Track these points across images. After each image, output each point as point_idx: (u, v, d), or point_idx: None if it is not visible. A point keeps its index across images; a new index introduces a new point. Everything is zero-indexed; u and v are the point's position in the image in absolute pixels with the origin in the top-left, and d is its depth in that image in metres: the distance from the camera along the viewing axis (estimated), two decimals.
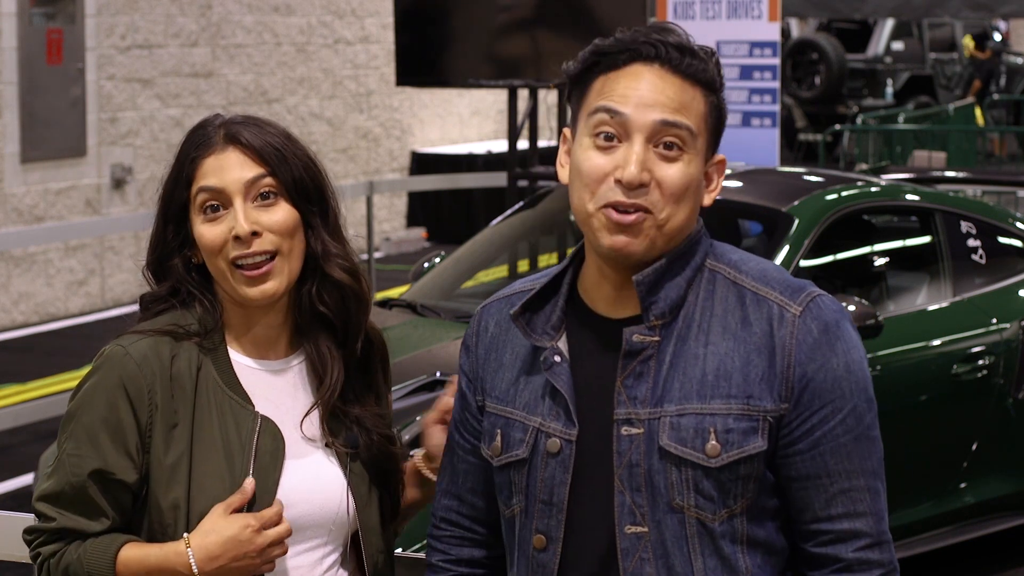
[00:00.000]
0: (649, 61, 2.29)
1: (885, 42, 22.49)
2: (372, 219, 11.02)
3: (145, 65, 12.55)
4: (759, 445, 2.25)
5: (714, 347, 2.27)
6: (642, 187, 2.26)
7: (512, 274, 8.24)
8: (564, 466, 2.31)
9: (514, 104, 9.59)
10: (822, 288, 2.37)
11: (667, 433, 2.25)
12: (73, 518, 2.45)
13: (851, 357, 2.28)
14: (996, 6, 14.74)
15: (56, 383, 9.28)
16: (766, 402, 2.25)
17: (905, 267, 6.59)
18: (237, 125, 2.49)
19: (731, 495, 2.26)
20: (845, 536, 2.28)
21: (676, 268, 2.30)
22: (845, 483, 2.27)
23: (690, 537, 2.26)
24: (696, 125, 2.28)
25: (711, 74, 2.31)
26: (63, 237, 11.28)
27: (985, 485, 6.15)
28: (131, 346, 2.46)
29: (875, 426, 2.31)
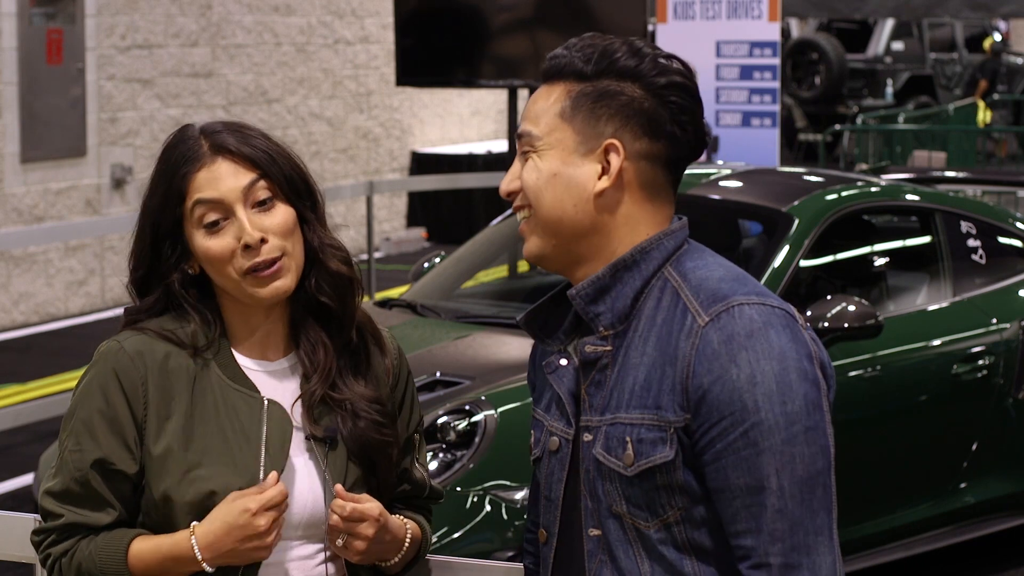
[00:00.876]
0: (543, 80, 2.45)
1: (885, 42, 22.49)
2: (372, 219, 11.03)
3: (145, 65, 12.56)
4: (666, 455, 2.24)
5: (647, 357, 2.29)
6: (513, 194, 2.39)
7: (512, 274, 8.24)
8: (562, 464, 2.39)
9: (514, 104, 9.59)
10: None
11: (600, 442, 2.31)
12: (80, 512, 2.48)
13: (759, 368, 2.20)
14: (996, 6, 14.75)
15: (56, 383, 9.28)
16: (670, 413, 2.25)
17: (905, 267, 6.59)
18: (220, 135, 2.51)
19: (657, 504, 2.27)
20: (744, 552, 2.23)
21: (623, 277, 2.32)
22: (746, 499, 2.21)
23: (632, 542, 2.30)
24: (546, 124, 2.35)
25: (573, 65, 2.36)
26: (63, 237, 11.28)
27: (985, 485, 6.15)
28: (125, 341, 2.51)
29: (797, 442, 2.21)
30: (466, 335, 5.81)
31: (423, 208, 15.53)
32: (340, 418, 2.54)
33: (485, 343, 5.80)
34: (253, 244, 2.46)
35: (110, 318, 11.63)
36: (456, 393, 5.29)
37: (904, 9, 15.26)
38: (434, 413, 5.12)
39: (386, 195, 15.15)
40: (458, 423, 5.07)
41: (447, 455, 5.03)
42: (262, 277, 2.48)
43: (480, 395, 5.19)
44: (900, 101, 22.05)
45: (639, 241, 2.33)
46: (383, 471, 2.58)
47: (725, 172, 6.52)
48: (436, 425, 5.08)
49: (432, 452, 5.04)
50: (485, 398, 5.17)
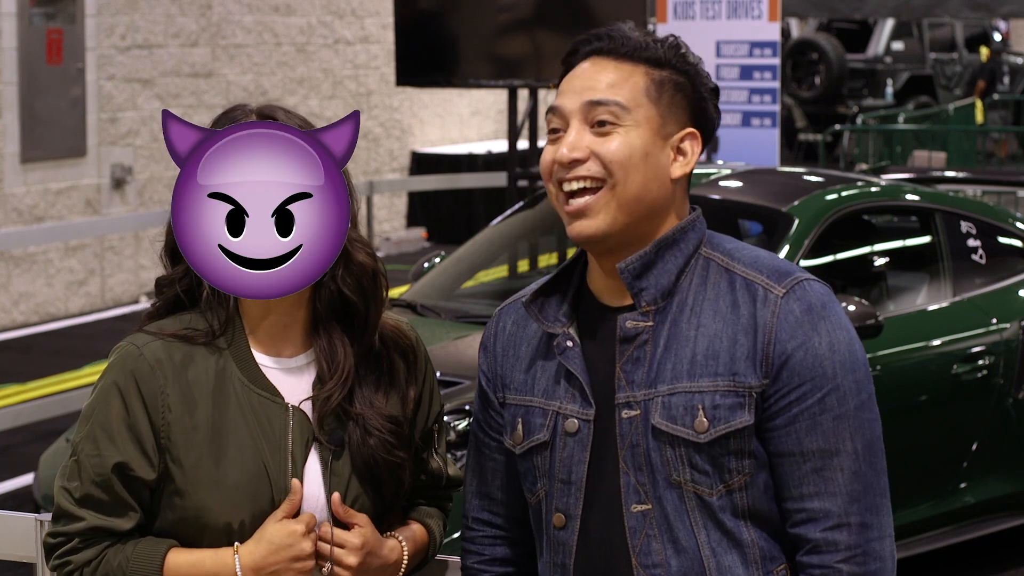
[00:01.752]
0: (587, 56, 2.45)
1: (885, 42, 22.49)
2: (372, 219, 11.03)
3: (145, 65, 12.56)
4: (745, 420, 2.32)
5: (704, 329, 2.36)
6: (577, 163, 2.38)
7: (512, 274, 8.24)
8: (582, 445, 2.40)
9: (514, 104, 9.59)
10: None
11: (659, 412, 2.34)
12: (102, 518, 2.43)
13: (836, 337, 2.34)
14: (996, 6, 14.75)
15: (56, 383, 9.28)
16: (750, 378, 2.32)
17: (905, 267, 6.59)
18: (271, 108, 2.52)
19: (725, 470, 2.33)
20: (814, 515, 2.33)
21: (665, 255, 2.40)
22: (818, 462, 2.32)
23: (690, 511, 2.34)
24: (630, 98, 2.38)
25: (653, 51, 2.42)
26: (63, 237, 11.28)
27: (985, 485, 6.15)
28: (145, 347, 2.46)
29: (866, 408, 2.34)
30: (466, 335, 5.81)
31: (423, 208, 15.53)
32: (351, 428, 2.49)
33: None
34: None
35: (110, 318, 11.63)
36: (456, 393, 5.29)
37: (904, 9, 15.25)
38: None
39: (386, 195, 15.15)
40: (458, 423, 5.07)
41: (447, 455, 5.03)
42: None
43: None
44: (900, 101, 22.05)
45: (653, 206, 2.41)
46: (389, 492, 2.53)
47: (725, 172, 6.52)
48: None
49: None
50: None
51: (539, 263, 8.34)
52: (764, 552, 2.36)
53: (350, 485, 2.50)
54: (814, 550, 2.33)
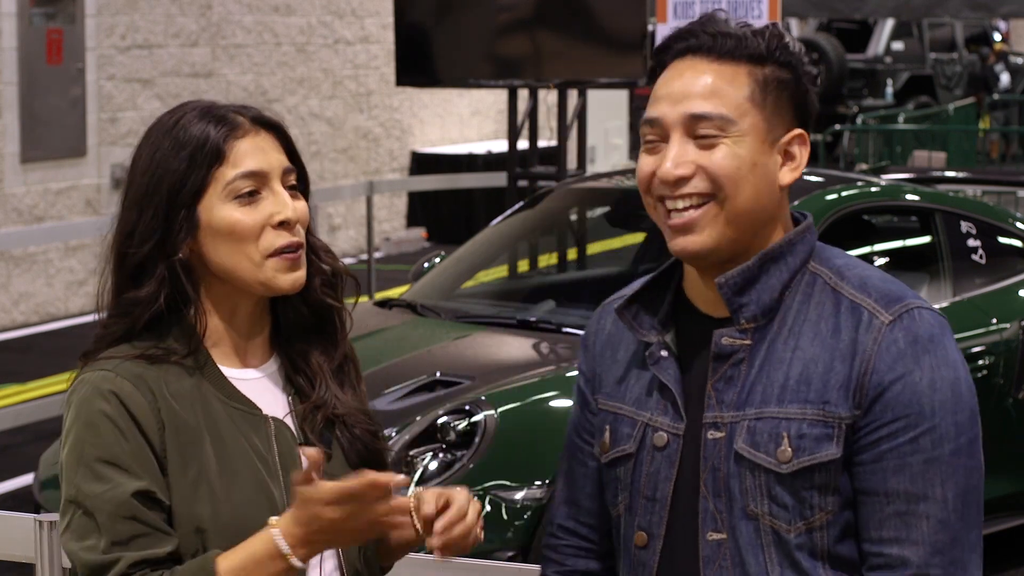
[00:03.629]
0: (683, 54, 2.27)
1: (885, 42, 22.49)
2: (372, 219, 11.03)
3: (145, 65, 12.56)
4: (832, 452, 2.16)
5: (801, 352, 2.20)
6: (683, 181, 2.21)
7: (512, 274, 8.24)
8: (670, 461, 2.26)
9: (514, 104, 9.58)
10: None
11: (743, 437, 2.20)
12: (139, 553, 2.20)
13: (939, 374, 2.16)
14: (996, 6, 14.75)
15: (56, 383, 9.28)
16: (842, 408, 2.16)
17: (905, 267, 6.59)
18: (252, 109, 2.38)
19: (807, 505, 2.18)
20: (892, 562, 2.17)
21: (769, 270, 2.23)
22: (902, 506, 2.16)
23: (765, 546, 2.20)
24: (736, 107, 2.21)
25: (754, 47, 2.25)
26: (63, 237, 11.28)
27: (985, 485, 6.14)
28: (116, 368, 2.29)
29: (963, 454, 2.17)
30: (466, 335, 5.81)
31: (423, 208, 15.53)
32: (339, 431, 2.42)
33: (485, 343, 5.80)
34: (292, 221, 2.31)
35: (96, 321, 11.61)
36: (456, 393, 5.29)
37: (904, 9, 15.25)
38: (434, 413, 5.12)
39: (386, 195, 15.14)
40: (458, 423, 5.07)
41: (447, 455, 5.03)
42: (288, 260, 2.31)
43: (480, 395, 5.19)
44: (900, 101, 22.05)
45: (783, 234, 2.26)
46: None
47: None
48: (436, 425, 5.08)
49: (432, 452, 5.04)
50: (485, 398, 5.17)
51: (539, 263, 8.33)
52: None
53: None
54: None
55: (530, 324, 6.00)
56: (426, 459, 5.01)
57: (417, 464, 4.99)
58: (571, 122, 9.71)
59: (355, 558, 2.46)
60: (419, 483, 4.92)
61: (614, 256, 9.25)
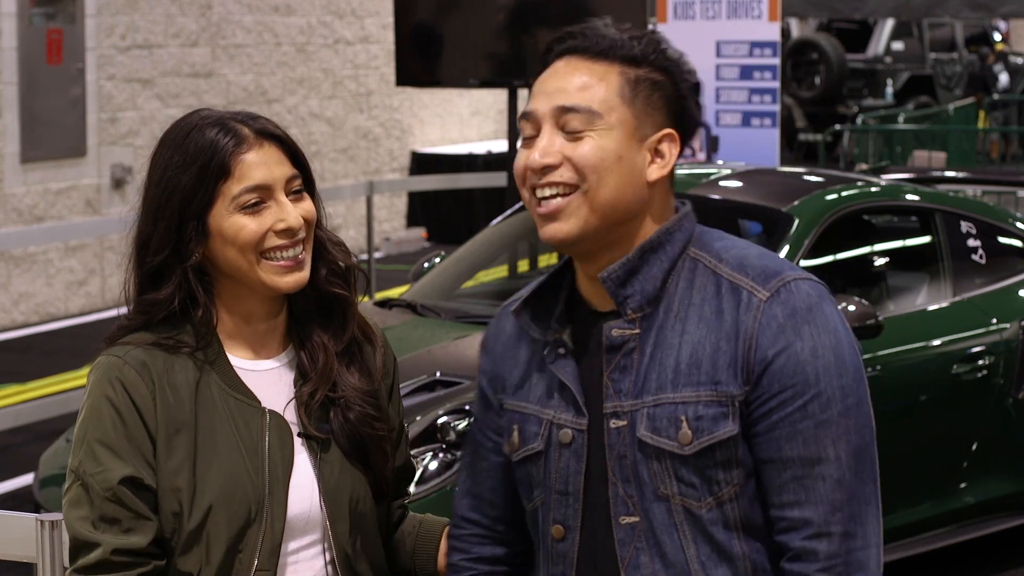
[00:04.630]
0: (562, 55, 2.39)
1: (885, 42, 22.49)
2: (372, 219, 11.03)
3: (145, 65, 12.55)
4: (730, 429, 2.26)
5: (689, 336, 2.29)
6: (550, 169, 2.30)
7: (512, 274, 8.24)
8: (578, 455, 2.35)
9: (514, 104, 9.59)
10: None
11: (644, 424, 2.29)
12: (121, 537, 2.40)
13: (820, 341, 2.26)
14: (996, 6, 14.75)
15: (56, 383, 9.28)
16: (732, 387, 2.26)
17: (905, 267, 6.59)
18: (259, 120, 2.52)
19: (713, 482, 2.27)
20: (795, 524, 2.26)
21: (649, 259, 2.32)
22: (799, 470, 2.25)
23: (679, 524, 2.28)
24: (603, 101, 2.31)
25: (628, 49, 2.34)
26: (63, 237, 11.28)
27: (985, 485, 6.15)
28: (127, 355, 2.47)
29: (852, 414, 2.26)
30: (466, 335, 5.81)
31: (423, 208, 15.53)
32: (333, 414, 2.52)
33: None
34: (296, 227, 2.47)
35: (110, 318, 11.60)
36: (456, 393, 5.29)
37: (904, 9, 15.25)
38: (434, 413, 5.12)
39: (386, 195, 15.14)
40: (458, 423, 5.07)
41: (447, 455, 5.03)
42: (286, 267, 2.47)
43: None
44: (900, 101, 22.04)
45: (656, 227, 2.35)
46: (377, 463, 2.55)
47: (725, 172, 6.53)
48: (436, 425, 5.08)
49: (432, 452, 5.04)
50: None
51: (539, 263, 8.34)
52: (755, 565, 2.29)
53: (342, 470, 2.51)
54: (794, 558, 2.26)
55: None
56: (426, 459, 5.01)
57: (417, 464, 4.99)
58: None
59: (346, 541, 2.52)
60: (419, 483, 4.93)
61: None
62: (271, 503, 2.44)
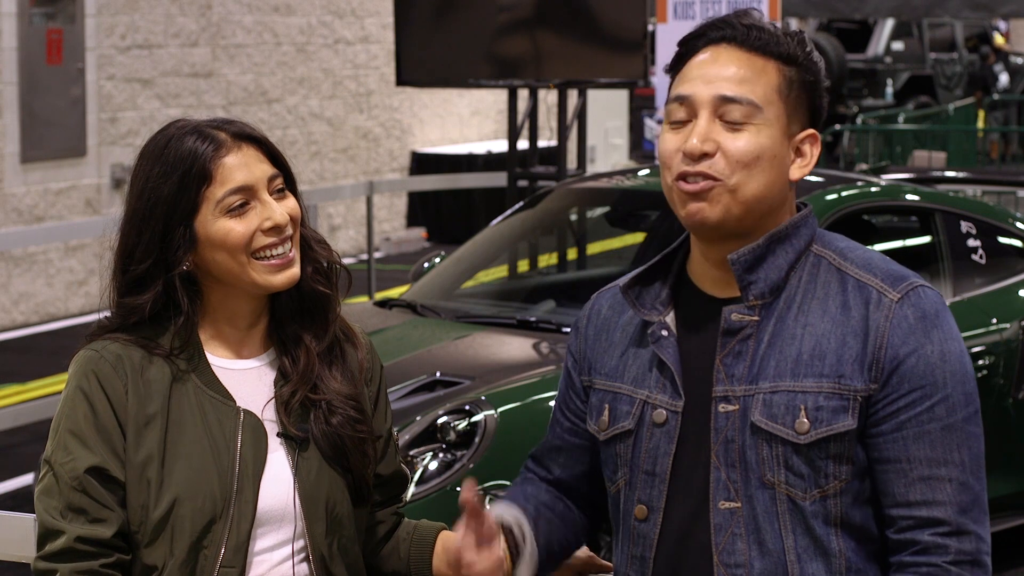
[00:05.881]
0: (718, 42, 2.37)
1: (885, 42, 22.49)
2: (372, 219, 11.03)
3: (145, 65, 12.55)
4: (848, 424, 2.28)
5: (812, 328, 2.32)
6: (706, 157, 2.32)
7: (512, 274, 8.24)
8: (669, 437, 2.37)
9: (514, 104, 9.58)
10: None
11: (759, 409, 2.30)
12: (86, 527, 2.43)
13: (948, 347, 2.30)
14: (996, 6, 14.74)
15: (56, 383, 9.28)
16: (857, 382, 2.28)
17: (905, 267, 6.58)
18: (235, 124, 2.54)
19: (822, 474, 2.29)
20: (923, 523, 2.28)
21: (776, 250, 2.36)
22: (926, 471, 2.27)
23: (781, 514, 2.30)
24: (764, 96, 2.33)
25: (785, 47, 2.36)
26: (63, 237, 11.28)
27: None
28: (103, 348, 2.49)
29: (972, 422, 2.30)
30: (466, 335, 5.80)
31: (423, 208, 15.53)
32: (313, 416, 2.53)
33: (485, 343, 5.80)
34: (283, 225, 2.49)
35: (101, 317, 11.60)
36: (456, 393, 5.29)
37: (904, 9, 15.25)
38: (434, 413, 5.12)
39: (386, 195, 15.14)
40: (458, 423, 5.07)
41: (447, 455, 5.02)
42: (277, 265, 2.49)
43: (480, 395, 5.19)
44: (900, 101, 22.05)
45: (771, 203, 2.38)
46: (357, 467, 2.55)
47: None
48: (436, 425, 5.08)
49: (432, 452, 5.04)
50: (485, 398, 5.17)
51: (539, 263, 8.33)
52: (851, 564, 2.31)
53: (320, 471, 2.52)
54: (923, 551, 2.28)
55: (530, 324, 6.00)
56: (426, 459, 5.01)
57: (417, 464, 4.99)
58: (571, 122, 9.71)
59: (322, 542, 2.52)
60: (419, 483, 4.93)
61: (614, 256, 9.25)
62: (239, 501, 2.45)
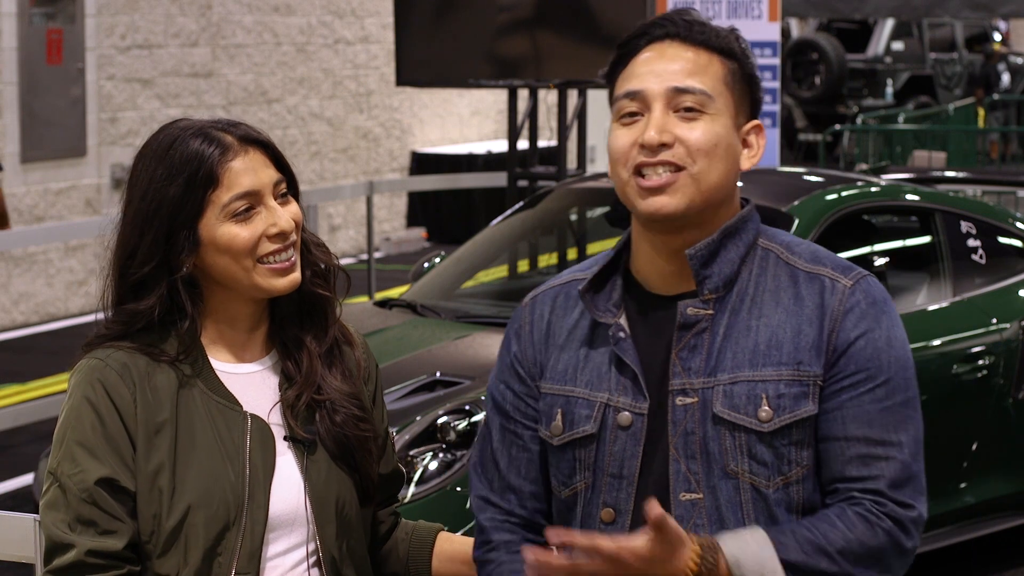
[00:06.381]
0: (661, 39, 2.42)
1: (885, 42, 22.49)
2: (372, 219, 11.03)
3: (145, 65, 12.55)
4: (810, 409, 2.32)
5: (767, 319, 2.36)
6: (665, 147, 2.35)
7: (512, 274, 8.24)
8: (635, 439, 2.37)
9: (514, 104, 9.58)
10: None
11: (720, 400, 2.33)
12: (96, 539, 2.39)
13: (894, 334, 2.36)
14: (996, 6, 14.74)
15: (56, 383, 9.28)
16: (815, 367, 2.33)
17: (905, 267, 6.59)
18: (241, 127, 2.51)
19: (785, 461, 2.32)
20: (860, 491, 2.32)
21: (728, 244, 2.40)
22: (863, 448, 2.31)
23: (744, 503, 2.32)
24: (713, 87, 2.38)
25: (726, 42, 2.42)
26: (63, 237, 11.28)
27: (985, 485, 6.14)
28: (108, 357, 2.46)
29: (911, 406, 2.35)
30: (466, 335, 5.80)
31: (423, 208, 15.53)
32: (319, 417, 2.52)
33: (485, 343, 5.80)
34: (289, 231, 2.47)
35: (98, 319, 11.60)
36: (456, 393, 5.29)
37: (904, 9, 15.25)
38: (434, 413, 5.12)
39: (386, 195, 15.14)
40: (458, 423, 5.07)
41: (447, 455, 5.02)
42: (279, 269, 2.47)
43: (480, 395, 5.19)
44: (900, 101, 22.05)
45: (726, 195, 2.43)
46: (363, 465, 2.55)
47: None
48: (436, 425, 5.08)
49: (432, 452, 5.04)
50: (485, 398, 5.16)
51: (539, 263, 8.33)
52: None
53: (329, 473, 2.51)
54: (856, 501, 2.31)
55: None
56: (426, 459, 5.00)
57: (417, 464, 4.99)
58: (571, 122, 9.70)
59: (332, 545, 2.51)
60: (419, 483, 4.93)
61: None
62: (251, 507, 2.44)
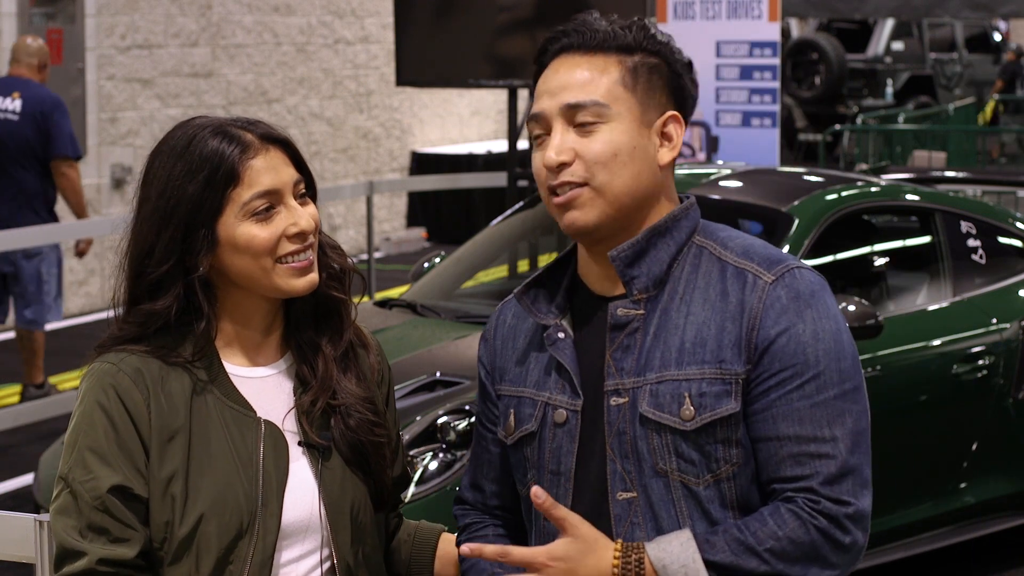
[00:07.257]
0: (558, 53, 2.45)
1: (885, 42, 22.49)
2: (372, 219, 11.03)
3: (145, 65, 12.55)
4: (732, 407, 2.32)
5: (694, 317, 2.36)
6: (564, 166, 2.36)
7: (512, 274, 8.24)
8: (571, 436, 2.41)
9: (514, 104, 9.59)
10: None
11: (647, 400, 2.34)
12: (108, 547, 2.36)
13: (821, 326, 2.32)
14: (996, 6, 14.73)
15: (56, 383, 9.28)
16: (736, 365, 2.32)
17: (905, 267, 6.59)
18: (260, 125, 2.49)
19: (712, 459, 2.32)
20: (795, 491, 2.30)
21: (657, 243, 2.40)
22: (795, 448, 2.30)
23: (676, 500, 2.34)
24: (608, 93, 2.37)
25: (622, 39, 2.41)
26: (63, 237, 11.27)
27: (985, 485, 6.15)
28: (121, 362, 2.42)
29: (848, 398, 2.32)
30: (466, 335, 5.80)
31: (423, 208, 15.53)
32: (333, 421, 2.50)
33: None
34: (309, 231, 2.46)
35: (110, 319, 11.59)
36: (456, 393, 5.29)
37: (904, 9, 15.25)
38: (434, 413, 5.12)
39: (386, 195, 15.14)
40: (458, 423, 5.07)
41: (447, 455, 5.02)
42: (298, 268, 2.45)
43: None
44: (900, 101, 22.05)
45: (668, 211, 2.43)
46: (378, 470, 2.54)
47: (725, 172, 6.53)
48: (436, 425, 5.08)
49: (432, 452, 5.04)
50: None
51: (539, 263, 8.34)
52: None
53: (344, 478, 2.50)
54: (791, 500, 2.30)
55: None
56: (426, 459, 5.01)
57: (417, 464, 4.99)
58: None
59: (347, 551, 2.50)
60: (419, 483, 4.93)
61: None
62: (264, 515, 2.42)
